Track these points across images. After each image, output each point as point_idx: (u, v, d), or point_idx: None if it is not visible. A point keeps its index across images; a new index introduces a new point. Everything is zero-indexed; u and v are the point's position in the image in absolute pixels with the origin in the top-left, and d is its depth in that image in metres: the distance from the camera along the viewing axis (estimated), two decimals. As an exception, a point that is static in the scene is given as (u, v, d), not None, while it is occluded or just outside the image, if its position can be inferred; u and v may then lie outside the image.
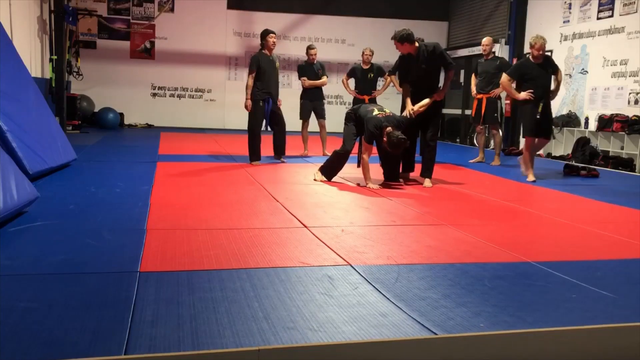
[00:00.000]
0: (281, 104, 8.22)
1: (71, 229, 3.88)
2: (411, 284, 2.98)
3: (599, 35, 10.20)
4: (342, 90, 11.68)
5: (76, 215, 4.35)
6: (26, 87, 6.45)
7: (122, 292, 2.69)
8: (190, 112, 14.70)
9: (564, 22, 11.06)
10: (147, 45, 14.44)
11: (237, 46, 14.83)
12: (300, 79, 9.06)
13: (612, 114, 9.63)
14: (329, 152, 9.12)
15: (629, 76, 9.55)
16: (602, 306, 2.78)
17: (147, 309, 2.49)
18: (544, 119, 7.07)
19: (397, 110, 7.60)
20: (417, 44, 6.36)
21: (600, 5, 10.21)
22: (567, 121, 10.64)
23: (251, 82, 7.73)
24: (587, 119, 10.36)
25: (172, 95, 14.70)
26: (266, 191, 5.68)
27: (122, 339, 2.18)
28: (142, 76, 14.34)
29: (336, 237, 3.90)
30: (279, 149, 8.13)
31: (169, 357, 1.99)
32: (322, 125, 9.21)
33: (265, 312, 2.51)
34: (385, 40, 8.44)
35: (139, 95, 14.38)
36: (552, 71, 7.13)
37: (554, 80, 7.23)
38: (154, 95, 14.59)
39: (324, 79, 9.03)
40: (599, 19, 10.21)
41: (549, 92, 7.14)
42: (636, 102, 9.37)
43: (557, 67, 7.23)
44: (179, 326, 2.32)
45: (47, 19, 11.66)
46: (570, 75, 10.91)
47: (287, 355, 2.03)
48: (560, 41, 11.17)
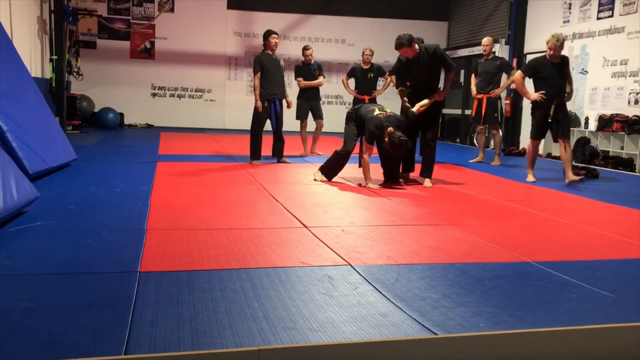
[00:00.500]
0: (291, 105, 8.22)
1: (71, 229, 3.88)
2: (411, 284, 2.98)
3: (599, 35, 10.20)
4: (342, 90, 11.68)
5: (76, 215, 4.35)
6: (26, 87, 6.45)
7: (122, 292, 2.69)
8: (190, 112, 14.70)
9: (564, 22, 11.06)
10: (147, 45, 14.44)
11: (237, 46, 14.83)
12: (296, 79, 9.06)
13: (612, 114, 9.63)
14: (319, 152, 9.14)
15: (629, 76, 9.55)
16: (602, 306, 2.78)
17: (147, 309, 2.49)
18: (559, 121, 6.80)
19: (398, 110, 7.60)
20: (417, 46, 6.35)
21: (600, 5, 10.20)
22: (567, 121, 10.63)
23: (258, 83, 7.73)
24: (587, 119, 10.36)
25: (172, 95, 14.70)
26: (266, 191, 5.68)
27: (122, 339, 2.18)
28: (142, 76, 14.34)
29: (336, 237, 3.90)
30: (277, 152, 8.13)
31: (169, 357, 1.99)
32: (319, 125, 9.21)
33: (265, 312, 2.51)
34: (385, 40, 8.47)
35: (139, 95, 14.39)
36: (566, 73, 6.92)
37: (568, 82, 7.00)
38: (154, 95, 14.60)
39: (320, 79, 9.01)
40: (599, 19, 10.21)
41: (564, 93, 6.90)
42: (636, 102, 9.37)
43: (569, 73, 7.01)
44: (179, 326, 2.32)
45: (47, 19, 11.66)
46: (570, 75, 10.90)
47: (287, 355, 2.03)
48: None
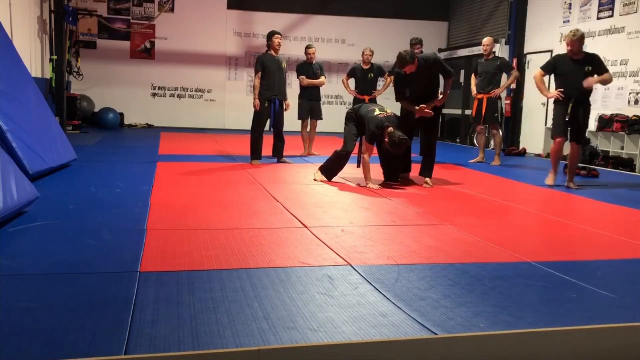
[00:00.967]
0: (289, 107, 8.23)
1: (71, 229, 3.88)
2: (411, 284, 2.98)
3: (599, 35, 10.19)
4: (342, 90, 11.68)
5: (76, 215, 4.36)
6: (26, 87, 6.45)
7: (122, 292, 2.69)
8: (190, 112, 14.69)
9: (564, 22, 11.05)
10: (147, 45, 14.44)
11: (237, 46, 14.83)
12: (298, 78, 9.07)
13: (612, 114, 9.63)
14: (315, 152, 9.15)
15: (629, 76, 9.54)
16: (602, 306, 2.78)
17: (147, 309, 2.49)
18: (577, 122, 6.54)
19: (398, 110, 7.60)
20: (417, 59, 6.29)
21: (600, 5, 10.20)
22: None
23: (258, 83, 7.77)
24: (587, 119, 10.35)
25: (172, 95, 14.69)
26: (266, 191, 5.68)
27: (122, 339, 2.18)
28: (142, 76, 14.33)
29: (336, 237, 3.90)
30: (277, 152, 8.13)
31: (169, 357, 1.99)
32: (314, 125, 9.24)
33: (265, 312, 2.51)
34: (385, 40, 8.46)
35: (139, 95, 14.38)
36: (592, 70, 6.46)
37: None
38: (154, 95, 14.59)
39: (322, 79, 9.05)
40: (599, 19, 10.21)
41: (584, 92, 6.49)
42: (636, 102, 9.37)
43: (603, 68, 6.52)
44: (179, 326, 2.32)
45: (47, 19, 11.66)
46: (570, 75, 10.90)
47: (287, 355, 2.03)
48: (560, 41, 11.15)
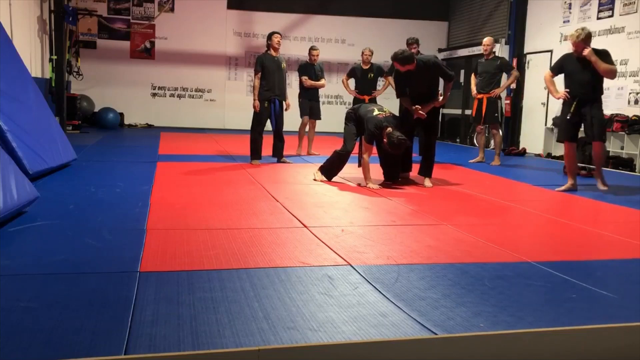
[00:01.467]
0: (289, 107, 8.23)
1: (71, 229, 3.88)
2: (411, 284, 2.98)
3: (599, 35, 10.18)
4: (342, 90, 11.68)
5: (76, 215, 4.36)
6: (26, 87, 6.44)
7: (122, 292, 2.69)
8: (190, 112, 14.69)
9: (564, 22, 11.05)
10: (147, 45, 14.43)
11: (237, 46, 14.82)
12: (301, 77, 9.08)
13: (612, 114, 9.62)
14: (315, 152, 9.16)
15: (629, 76, 9.54)
16: (602, 306, 2.78)
17: (147, 309, 2.49)
18: (587, 121, 6.31)
19: (396, 110, 7.60)
20: (415, 60, 6.28)
21: (600, 5, 10.20)
22: (567, 121, 10.62)
23: (257, 83, 7.78)
24: (587, 119, 10.34)
25: (172, 95, 14.69)
26: (266, 191, 5.68)
27: (122, 339, 2.18)
28: (142, 76, 14.33)
29: (336, 237, 3.90)
30: (277, 152, 8.14)
31: (169, 357, 1.99)
32: (313, 125, 9.28)
33: (265, 312, 2.51)
34: (385, 40, 8.45)
35: (139, 95, 14.37)
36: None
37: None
38: (154, 95, 14.58)
39: (322, 81, 9.10)
40: (599, 19, 10.20)
41: (592, 91, 6.29)
42: (636, 102, 9.37)
43: (608, 61, 6.16)
44: (179, 326, 2.32)
45: (47, 19, 11.66)
46: (570, 75, 10.89)
47: (287, 355, 2.03)
48: (560, 41, 11.16)
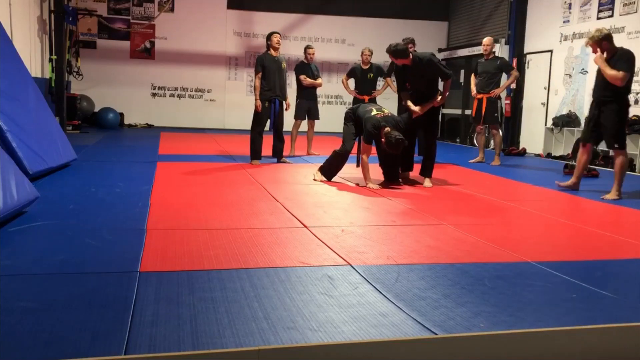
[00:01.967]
0: (289, 107, 8.22)
1: (71, 229, 3.88)
2: (411, 284, 2.98)
3: (599, 35, 10.18)
4: (342, 90, 11.67)
5: (76, 215, 4.35)
6: (26, 87, 6.45)
7: (122, 292, 2.69)
8: (190, 112, 14.69)
9: (564, 22, 11.05)
10: (147, 45, 14.43)
11: (237, 46, 14.82)
12: (299, 77, 9.05)
13: (612, 114, 9.62)
14: (315, 152, 9.15)
15: (629, 76, 9.53)
16: (602, 306, 2.78)
17: (147, 309, 2.49)
18: (600, 125, 6.04)
19: (396, 110, 7.60)
20: (411, 55, 6.30)
21: (600, 5, 10.20)
22: (567, 121, 10.63)
23: (258, 83, 7.78)
24: (587, 119, 10.35)
25: (172, 95, 14.69)
26: (266, 191, 5.68)
27: (122, 339, 2.18)
28: (142, 76, 14.32)
29: (336, 237, 3.90)
30: (277, 152, 8.13)
31: (169, 357, 1.99)
32: (312, 125, 9.25)
33: (265, 312, 2.51)
34: (385, 40, 8.44)
35: (139, 95, 14.37)
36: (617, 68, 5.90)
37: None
38: (154, 95, 14.58)
39: (319, 80, 9.07)
40: (599, 19, 10.20)
41: (605, 93, 5.99)
42: (636, 102, 9.36)
43: (619, 65, 5.89)
44: (179, 326, 2.32)
45: (47, 19, 11.66)
46: (570, 75, 10.91)
47: (287, 355, 2.03)
48: (560, 41, 11.16)
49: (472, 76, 9.15)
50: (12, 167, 4.18)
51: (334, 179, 6.51)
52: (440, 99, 6.53)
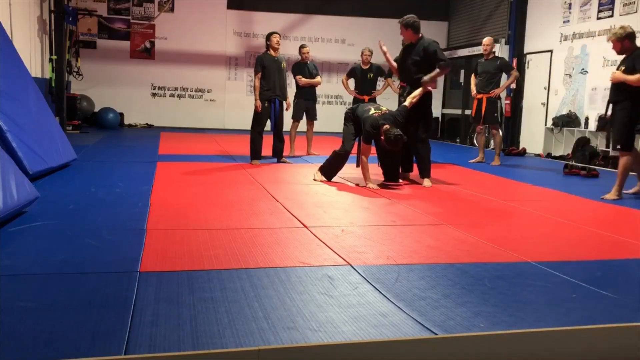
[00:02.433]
0: (289, 107, 8.22)
1: (71, 229, 3.88)
2: (411, 284, 2.98)
3: (599, 35, 10.19)
4: (342, 90, 11.68)
5: (76, 215, 4.35)
6: (26, 87, 6.45)
7: (122, 292, 2.69)
8: (190, 112, 14.69)
9: (564, 22, 11.05)
10: (147, 45, 14.44)
11: (237, 46, 14.83)
12: (295, 77, 9.04)
13: (612, 114, 9.62)
14: (315, 152, 9.15)
15: (629, 76, 9.53)
16: (602, 306, 2.78)
17: (147, 309, 2.49)
18: (613, 123, 6.02)
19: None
20: (421, 36, 6.52)
21: (600, 5, 10.20)
22: (567, 121, 10.64)
23: (258, 84, 7.77)
24: (587, 119, 10.35)
25: (172, 95, 14.69)
26: (266, 191, 5.68)
27: (122, 339, 2.18)
28: (142, 76, 14.33)
29: (336, 237, 3.90)
30: (277, 152, 8.13)
31: (169, 357, 1.99)
32: (311, 125, 9.23)
33: (265, 312, 2.51)
34: (385, 40, 8.42)
35: (139, 95, 14.38)
36: (626, 70, 5.83)
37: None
38: (154, 95, 14.59)
39: (318, 78, 9.03)
40: (599, 19, 10.21)
41: (616, 93, 5.95)
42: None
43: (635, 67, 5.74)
44: (179, 326, 2.32)
45: (47, 19, 11.66)
46: (570, 75, 10.91)
47: (287, 355, 2.03)
48: (560, 41, 11.16)
49: (472, 76, 9.15)
50: (12, 167, 4.18)
51: (333, 179, 6.51)
52: (427, 77, 6.25)
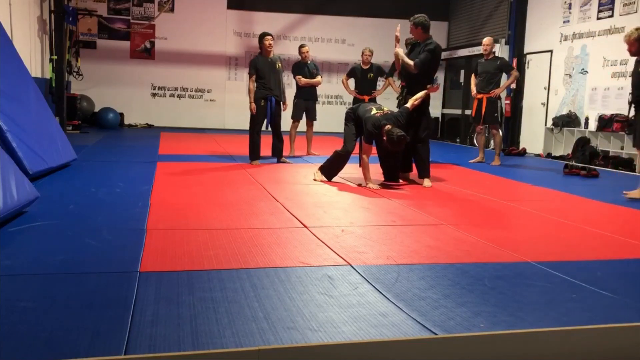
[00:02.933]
0: (286, 108, 8.20)
1: (71, 229, 3.88)
2: (411, 284, 2.98)
3: (599, 35, 10.20)
4: (342, 90, 11.68)
5: (76, 215, 4.35)
6: (26, 87, 6.44)
7: (122, 292, 2.69)
8: (190, 112, 14.69)
9: (564, 22, 11.06)
10: (147, 45, 14.44)
11: (237, 46, 14.83)
12: (295, 77, 9.03)
13: (612, 114, 9.63)
14: (315, 152, 9.15)
15: (629, 76, 9.51)
16: (602, 306, 2.78)
17: (147, 309, 2.49)
18: (636, 124, 6.09)
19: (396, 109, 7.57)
20: (429, 36, 6.60)
21: (600, 5, 10.20)
22: (567, 121, 10.64)
23: (252, 86, 7.76)
24: (587, 119, 10.36)
25: (172, 95, 14.70)
26: (266, 191, 5.68)
27: (122, 339, 2.18)
28: (142, 76, 14.33)
29: (336, 237, 3.90)
30: (277, 151, 8.12)
31: (169, 357, 1.99)
32: (310, 125, 9.22)
33: (265, 312, 2.51)
34: (385, 40, 8.45)
35: (139, 95, 14.38)
36: None
37: None
38: (154, 95, 14.59)
39: (318, 78, 9.02)
40: (599, 19, 10.21)
41: (636, 93, 6.11)
42: (629, 102, 9.36)
43: None
44: (179, 326, 2.32)
45: (47, 19, 11.66)
46: (570, 75, 10.91)
47: (287, 355, 2.03)
48: (560, 41, 11.16)
49: (472, 76, 9.15)
50: (12, 167, 4.18)
51: (334, 179, 6.51)
52: (414, 100, 6.28)
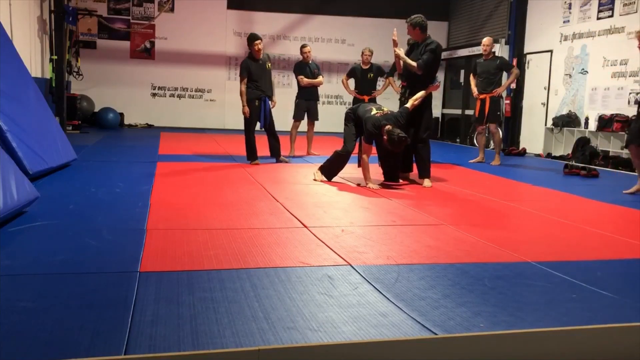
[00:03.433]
0: (275, 105, 8.16)
1: (71, 229, 3.88)
2: (411, 284, 2.98)
3: (599, 35, 10.20)
4: (342, 90, 11.68)
5: (76, 215, 4.35)
6: (26, 87, 6.45)
7: (122, 292, 2.69)
8: (190, 112, 14.70)
9: (564, 22, 11.06)
10: (147, 45, 14.44)
11: (237, 46, 14.82)
12: (297, 77, 9.02)
13: (612, 114, 9.64)
14: (315, 152, 9.14)
15: (629, 76, 9.54)
16: (602, 306, 2.78)
17: (147, 309, 2.49)
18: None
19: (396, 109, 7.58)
20: (428, 36, 6.59)
21: (600, 5, 10.20)
22: (567, 121, 10.64)
23: (244, 89, 7.74)
24: (587, 119, 10.36)
25: (172, 95, 14.70)
26: (266, 191, 5.68)
27: (122, 339, 2.18)
28: (142, 76, 14.34)
29: (336, 237, 3.90)
30: (275, 151, 8.11)
31: (169, 357, 1.99)
32: (311, 125, 9.21)
33: (265, 312, 2.51)
34: (385, 40, 8.44)
35: (139, 95, 14.38)
36: None
37: None
38: (154, 95, 14.59)
39: (320, 78, 9.01)
40: (599, 19, 10.21)
41: None
42: (636, 102, 9.37)
43: None
44: (179, 326, 2.32)
45: (47, 19, 11.66)
46: (570, 75, 10.91)
47: (287, 355, 2.03)
48: (560, 41, 11.17)
49: (471, 76, 9.14)
50: (12, 167, 4.18)
51: (334, 179, 6.51)
52: (414, 99, 6.30)
